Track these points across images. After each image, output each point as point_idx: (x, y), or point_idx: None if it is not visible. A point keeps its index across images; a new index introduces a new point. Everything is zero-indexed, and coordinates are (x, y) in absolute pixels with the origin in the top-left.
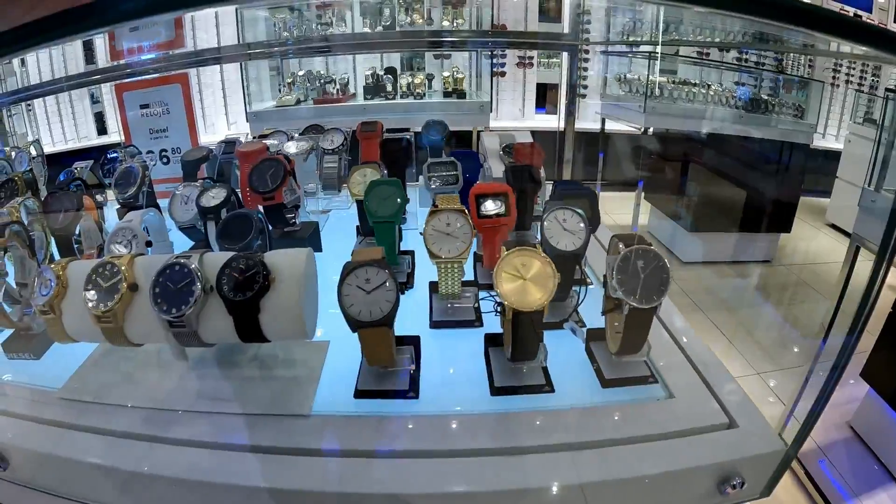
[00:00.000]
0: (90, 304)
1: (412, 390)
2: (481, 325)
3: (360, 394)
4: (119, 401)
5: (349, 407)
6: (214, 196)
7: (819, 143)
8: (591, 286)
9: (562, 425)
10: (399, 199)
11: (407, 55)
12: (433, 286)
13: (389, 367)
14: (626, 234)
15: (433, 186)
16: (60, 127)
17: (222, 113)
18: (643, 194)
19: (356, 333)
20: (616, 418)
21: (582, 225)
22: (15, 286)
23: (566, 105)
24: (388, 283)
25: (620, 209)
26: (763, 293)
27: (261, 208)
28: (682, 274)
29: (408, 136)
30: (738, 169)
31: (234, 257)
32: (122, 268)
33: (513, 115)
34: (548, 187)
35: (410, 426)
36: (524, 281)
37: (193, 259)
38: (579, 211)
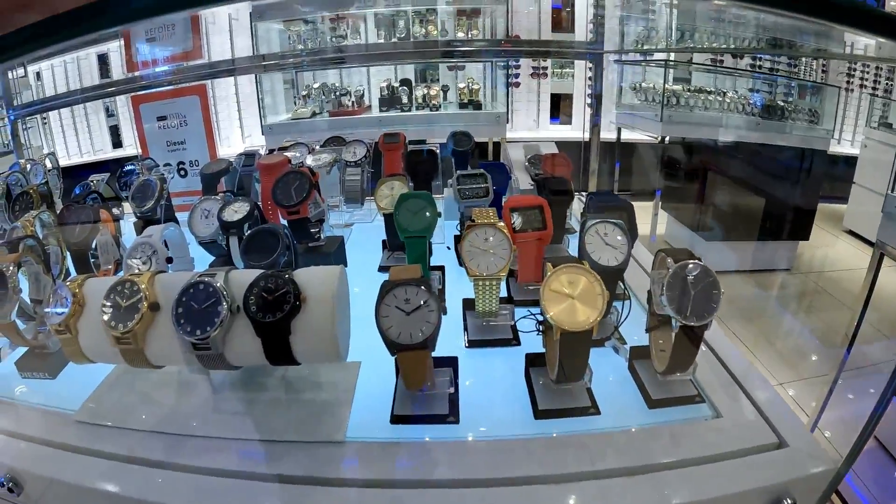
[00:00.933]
0: (108, 325)
1: (452, 414)
2: (519, 343)
3: (397, 419)
4: (138, 425)
5: (385, 432)
6: (237, 210)
7: (834, 148)
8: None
9: (611, 449)
10: (431, 213)
11: (421, 67)
12: (467, 303)
13: (428, 390)
14: (673, 248)
15: (463, 199)
16: (76, 140)
17: (237, 126)
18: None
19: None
20: (665, 440)
21: (624, 239)
22: (29, 302)
23: (591, 115)
24: (429, 304)
25: (637, 219)
26: (783, 302)
27: (283, 222)
28: None
29: (433, 148)
30: (756, 177)
31: (263, 275)
32: (143, 286)
33: (527, 125)
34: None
35: (452, 453)
36: (572, 300)
37: (218, 277)
38: (621, 224)
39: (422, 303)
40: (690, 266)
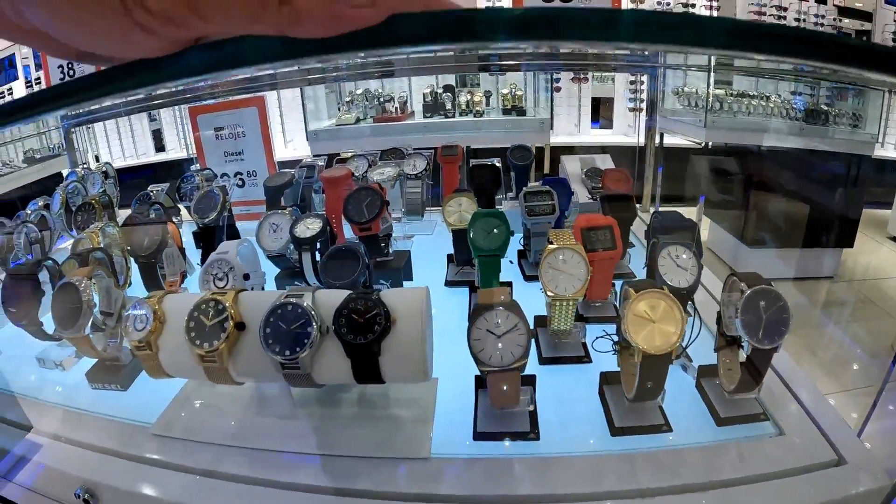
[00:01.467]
0: (193, 343)
1: (533, 431)
2: (590, 360)
3: (480, 435)
4: (216, 439)
5: (468, 448)
6: (310, 227)
7: (878, 152)
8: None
9: (685, 465)
10: (504, 232)
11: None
12: (538, 321)
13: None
14: (744, 273)
15: (531, 216)
16: (119, 143)
17: (279, 132)
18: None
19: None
20: (733, 457)
21: (693, 261)
22: (100, 315)
23: (646, 120)
24: (519, 327)
25: None
26: (826, 310)
27: (347, 233)
28: None
29: (496, 162)
30: (800, 182)
31: (352, 297)
32: (228, 304)
33: (568, 130)
34: None
35: (535, 468)
36: (654, 324)
37: (306, 298)
38: (690, 246)
39: (512, 326)
40: (763, 291)
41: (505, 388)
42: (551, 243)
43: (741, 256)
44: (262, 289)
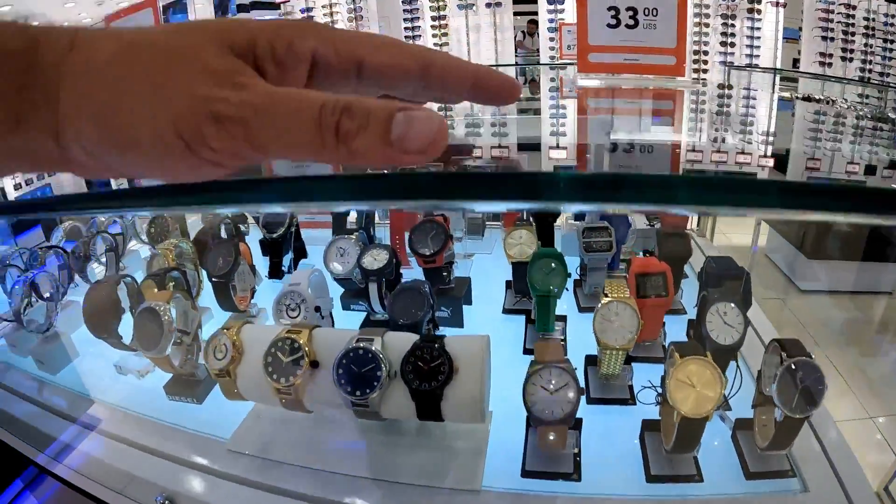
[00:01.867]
0: (270, 377)
1: (575, 472)
2: (634, 403)
3: (527, 473)
4: (285, 458)
5: (515, 484)
6: (377, 258)
7: None
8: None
9: None
10: (561, 272)
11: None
12: (589, 359)
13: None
14: (785, 339)
15: (588, 252)
16: None
17: None
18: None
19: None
20: None
21: (740, 317)
22: (177, 332)
23: None
24: (570, 385)
25: (737, 229)
26: (883, 327)
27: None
28: (798, 303)
29: None
30: None
31: (418, 346)
32: (302, 342)
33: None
34: None
35: None
36: (694, 389)
37: (376, 342)
38: (738, 302)
39: (564, 384)
40: (801, 363)
41: (552, 436)
42: (606, 295)
43: (799, 266)
44: (331, 311)
